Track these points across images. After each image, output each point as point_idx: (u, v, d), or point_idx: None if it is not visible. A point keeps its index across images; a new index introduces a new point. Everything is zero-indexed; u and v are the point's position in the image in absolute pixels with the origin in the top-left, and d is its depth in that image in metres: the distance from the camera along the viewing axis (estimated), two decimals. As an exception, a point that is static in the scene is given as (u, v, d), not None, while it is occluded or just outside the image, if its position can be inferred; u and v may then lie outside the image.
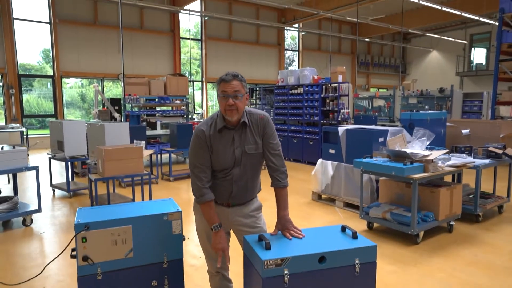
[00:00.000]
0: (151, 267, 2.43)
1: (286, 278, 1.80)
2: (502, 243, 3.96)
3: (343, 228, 2.14)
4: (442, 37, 20.11)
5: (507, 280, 3.14)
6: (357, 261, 1.91)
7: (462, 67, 20.73)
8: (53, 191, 6.31)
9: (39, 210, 4.60)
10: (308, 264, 1.84)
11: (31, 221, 4.59)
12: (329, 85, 8.64)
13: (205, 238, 2.27)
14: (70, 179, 5.97)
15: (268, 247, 1.88)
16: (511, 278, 3.17)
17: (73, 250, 2.29)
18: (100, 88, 12.57)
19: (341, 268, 1.90)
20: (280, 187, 2.14)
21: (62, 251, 2.33)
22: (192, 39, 16.31)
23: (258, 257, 1.81)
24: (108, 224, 2.29)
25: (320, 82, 8.75)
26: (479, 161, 4.55)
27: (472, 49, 21.24)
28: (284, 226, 2.08)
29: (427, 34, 19.73)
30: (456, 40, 20.22)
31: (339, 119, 8.35)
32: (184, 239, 2.54)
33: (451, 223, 4.28)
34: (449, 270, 3.32)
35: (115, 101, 9.87)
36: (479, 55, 21.33)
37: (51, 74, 13.11)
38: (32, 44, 12.75)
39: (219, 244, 2.07)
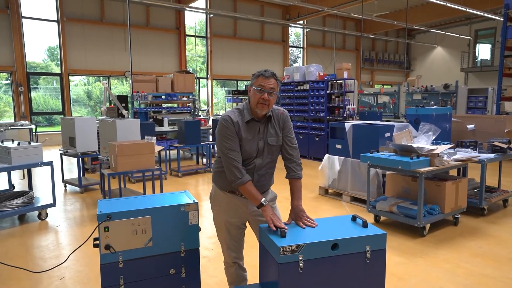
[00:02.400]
0: (169, 256, 2.53)
1: (301, 264, 1.89)
2: (507, 236, 4.04)
3: (354, 218, 2.24)
4: (447, 33, 20.05)
5: (511, 270, 3.23)
6: (368, 248, 2.00)
7: (467, 63, 20.67)
8: (65, 186, 6.45)
9: (53, 204, 4.73)
10: (322, 251, 1.93)
11: (46, 215, 4.73)
12: (334, 81, 8.71)
13: (225, 230, 2.36)
14: (81, 175, 6.10)
15: (283, 235, 1.97)
16: (515, 269, 3.26)
17: (95, 239, 2.40)
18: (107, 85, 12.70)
19: (352, 255, 1.99)
20: (296, 178, 2.27)
21: (86, 240, 2.44)
22: (197, 36, 16.39)
23: (275, 244, 1.91)
24: (128, 214, 2.39)
25: (326, 78, 8.82)
26: (484, 156, 4.63)
27: (477, 45, 21.16)
28: (298, 215, 2.18)
29: (432, 30, 19.68)
30: (461, 36, 20.15)
31: (345, 115, 8.42)
32: (200, 229, 2.65)
33: (457, 216, 4.36)
34: (455, 261, 3.41)
35: (121, 98, 10.00)
36: (484, 51, 21.26)
37: (57, 71, 13.26)
38: (38, 42, 12.89)
39: (273, 215, 2.08)
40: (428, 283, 3.01)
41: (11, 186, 5.65)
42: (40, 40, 12.91)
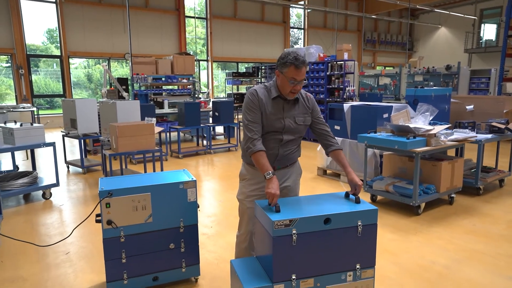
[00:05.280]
0: (169, 232, 2.63)
1: (294, 237, 1.97)
2: (501, 214, 4.12)
3: (347, 194, 2.31)
4: (451, 13, 19.70)
5: (502, 245, 3.33)
6: (359, 223, 2.08)
7: (471, 43, 20.39)
8: (68, 167, 6.56)
9: (57, 184, 4.83)
10: (315, 225, 2.01)
11: (50, 194, 4.84)
12: (334, 63, 8.67)
13: (247, 202, 2.40)
14: (83, 156, 6.19)
15: (277, 210, 2.04)
16: (506, 244, 3.36)
17: (97, 215, 2.49)
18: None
19: (344, 229, 2.06)
20: (340, 149, 2.42)
21: (89, 215, 2.54)
22: (197, 17, 16.19)
23: (269, 219, 1.98)
24: (129, 191, 2.48)
25: (326, 60, 8.77)
26: (481, 136, 4.66)
27: (482, 25, 20.81)
28: (359, 181, 2.27)
29: (436, 10, 19.33)
30: (466, 16, 19.81)
31: (345, 96, 8.42)
32: (198, 207, 2.73)
33: (452, 195, 4.44)
34: (448, 237, 3.51)
35: (122, 81, 10.00)
36: (489, 31, 20.92)
37: (57, 54, 13.20)
38: (37, 24, 12.78)
39: (272, 189, 2.08)
40: (420, 258, 3.11)
41: (15, 166, 5.75)
42: (39, 22, 12.80)
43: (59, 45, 13.12)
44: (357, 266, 2.11)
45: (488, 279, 2.77)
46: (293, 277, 2.00)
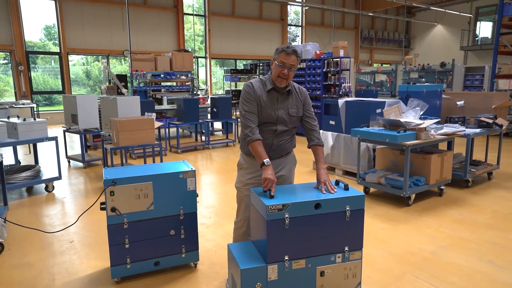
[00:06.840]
0: (169, 219, 2.79)
1: (286, 221, 2.12)
2: (487, 204, 4.29)
3: (337, 182, 2.45)
4: (447, 10, 19.86)
5: (486, 233, 3.50)
6: (347, 208, 2.23)
7: (467, 41, 20.56)
8: (69, 162, 6.69)
9: (59, 177, 4.97)
10: (306, 210, 2.16)
11: (53, 187, 4.97)
12: (331, 59, 8.81)
13: (244, 189, 2.54)
14: (84, 151, 6.32)
15: (271, 196, 2.20)
16: (490, 232, 3.53)
17: (102, 203, 2.64)
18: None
19: (334, 214, 2.22)
20: (320, 145, 2.51)
21: (94, 203, 2.68)
22: (195, 15, 16.29)
23: (263, 203, 2.13)
24: (132, 180, 2.63)
25: (322, 57, 8.91)
26: (469, 130, 4.83)
27: (478, 22, 20.98)
28: (323, 177, 2.34)
29: (432, 7, 19.49)
30: (461, 14, 19.97)
31: (341, 93, 8.57)
32: (197, 195, 2.88)
33: (442, 187, 4.60)
34: (436, 226, 3.67)
35: (121, 78, 10.09)
36: (485, 29, 21.10)
37: (55, 51, 13.27)
38: (35, 21, 12.83)
39: (271, 176, 2.21)
40: (408, 245, 3.27)
41: (17, 161, 5.87)
42: (36, 19, 12.86)
43: (57, 41, 13.20)
44: (346, 249, 2.26)
45: (470, 262, 2.94)
46: (286, 258, 2.15)
